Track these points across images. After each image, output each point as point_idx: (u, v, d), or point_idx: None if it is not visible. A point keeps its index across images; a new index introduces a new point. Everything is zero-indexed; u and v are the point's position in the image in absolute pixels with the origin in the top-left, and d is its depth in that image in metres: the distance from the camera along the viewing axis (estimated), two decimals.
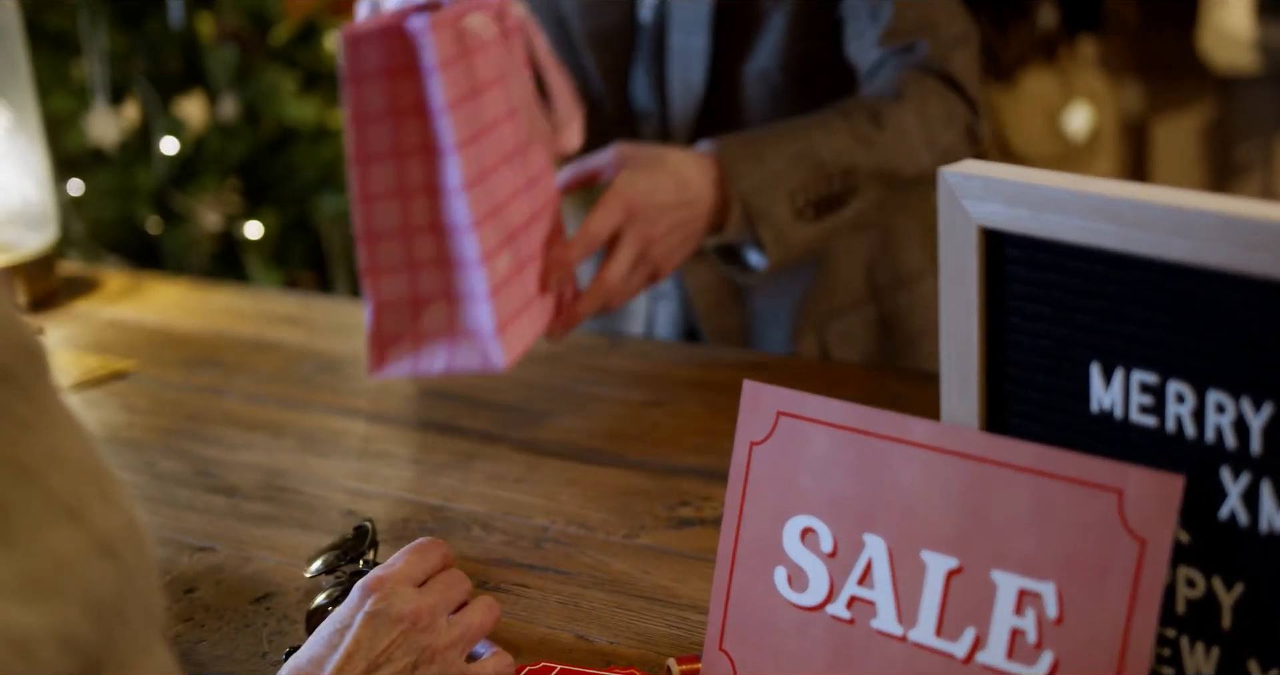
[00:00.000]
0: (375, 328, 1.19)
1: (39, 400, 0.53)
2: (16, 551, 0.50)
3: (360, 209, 1.17)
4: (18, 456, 0.51)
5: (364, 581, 0.84)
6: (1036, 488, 0.69)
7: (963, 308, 0.72)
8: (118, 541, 0.52)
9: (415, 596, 0.84)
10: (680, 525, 1.07)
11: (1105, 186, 0.66)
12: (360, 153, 1.15)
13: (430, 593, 0.86)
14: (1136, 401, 0.68)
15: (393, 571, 0.85)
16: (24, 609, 0.49)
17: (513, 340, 1.19)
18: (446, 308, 1.19)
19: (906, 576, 0.73)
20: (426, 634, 0.83)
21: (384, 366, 1.21)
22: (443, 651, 0.84)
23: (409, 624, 0.82)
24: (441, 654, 0.84)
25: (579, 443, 1.23)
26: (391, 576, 0.85)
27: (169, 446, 1.26)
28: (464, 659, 0.86)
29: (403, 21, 1.12)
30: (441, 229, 1.17)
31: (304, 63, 2.58)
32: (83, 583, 0.51)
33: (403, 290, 1.19)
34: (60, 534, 0.51)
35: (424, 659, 0.83)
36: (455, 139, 1.12)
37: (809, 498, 0.77)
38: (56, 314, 1.64)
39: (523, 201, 1.23)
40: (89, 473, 0.53)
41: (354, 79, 1.13)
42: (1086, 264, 0.68)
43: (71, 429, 0.54)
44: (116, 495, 0.53)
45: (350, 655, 0.81)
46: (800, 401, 0.78)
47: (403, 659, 0.82)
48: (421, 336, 1.20)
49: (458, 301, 1.18)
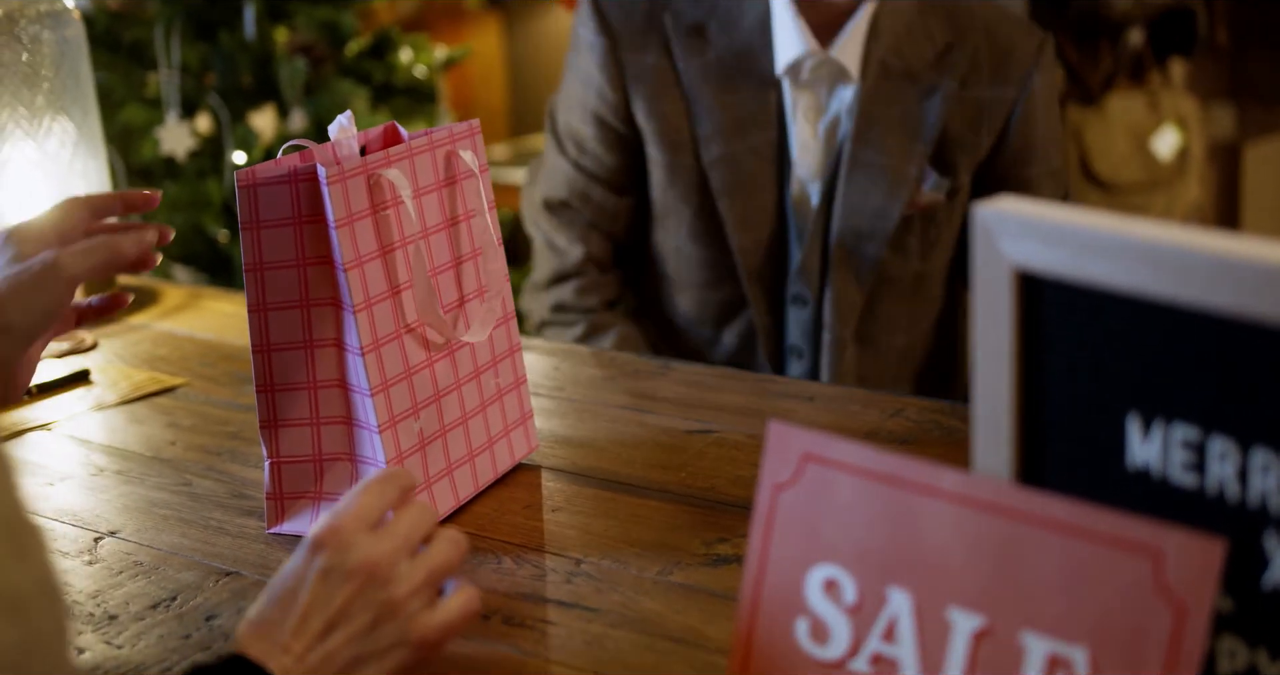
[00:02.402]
0: (274, 486, 1.09)
1: None
2: None
3: (258, 359, 1.07)
4: None
5: (315, 534, 0.79)
6: (1070, 546, 0.65)
7: (996, 353, 0.68)
8: (26, 600, 0.50)
9: (370, 546, 0.79)
10: (716, 563, 1.04)
11: (1148, 230, 0.62)
12: (259, 302, 1.05)
13: (388, 537, 0.80)
14: (1177, 458, 0.64)
15: (344, 519, 0.80)
16: None
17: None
18: (351, 468, 1.09)
19: (932, 634, 0.70)
20: (385, 586, 0.79)
21: (283, 523, 1.10)
22: (405, 602, 0.79)
23: (365, 578, 0.78)
24: (403, 605, 0.79)
25: (620, 471, 1.20)
26: (344, 525, 0.79)
27: (209, 467, 1.25)
28: (430, 603, 0.81)
29: (312, 167, 1.02)
30: (347, 385, 1.07)
31: (376, 77, 2.59)
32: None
33: (305, 448, 1.08)
34: None
35: (384, 614, 0.79)
36: (354, 300, 1.03)
37: (833, 547, 0.74)
38: (112, 327, 1.64)
39: (445, 365, 1.12)
40: (4, 527, 0.50)
41: (251, 226, 1.04)
42: (1127, 311, 0.64)
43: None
44: (32, 550, 0.51)
45: (305, 617, 0.77)
46: (827, 445, 0.75)
47: (361, 615, 0.78)
48: (323, 495, 1.09)
49: (360, 464, 1.08)
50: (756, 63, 1.60)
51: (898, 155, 1.58)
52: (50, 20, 1.60)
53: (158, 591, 1.04)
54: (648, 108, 1.62)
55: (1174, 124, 3.86)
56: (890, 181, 1.59)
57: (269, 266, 1.05)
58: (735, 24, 1.60)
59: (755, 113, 1.60)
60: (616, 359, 1.48)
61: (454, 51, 2.85)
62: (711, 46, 1.61)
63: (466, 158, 1.14)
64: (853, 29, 1.57)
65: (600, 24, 1.63)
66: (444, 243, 1.13)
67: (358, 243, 1.04)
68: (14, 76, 1.58)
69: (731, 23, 1.60)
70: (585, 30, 1.65)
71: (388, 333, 1.06)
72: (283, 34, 2.58)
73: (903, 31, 1.59)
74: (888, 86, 1.59)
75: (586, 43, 1.65)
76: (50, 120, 1.62)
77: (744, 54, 1.60)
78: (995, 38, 1.61)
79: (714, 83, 1.60)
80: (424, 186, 1.11)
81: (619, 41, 1.62)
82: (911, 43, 1.59)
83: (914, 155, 1.59)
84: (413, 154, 1.10)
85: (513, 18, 4.55)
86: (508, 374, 1.20)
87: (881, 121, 1.59)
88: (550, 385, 1.41)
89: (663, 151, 1.63)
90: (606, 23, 1.63)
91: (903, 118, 1.59)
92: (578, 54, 1.67)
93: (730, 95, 1.60)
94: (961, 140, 1.61)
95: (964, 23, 1.61)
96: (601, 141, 1.67)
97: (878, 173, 1.59)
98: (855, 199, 1.59)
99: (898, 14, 1.59)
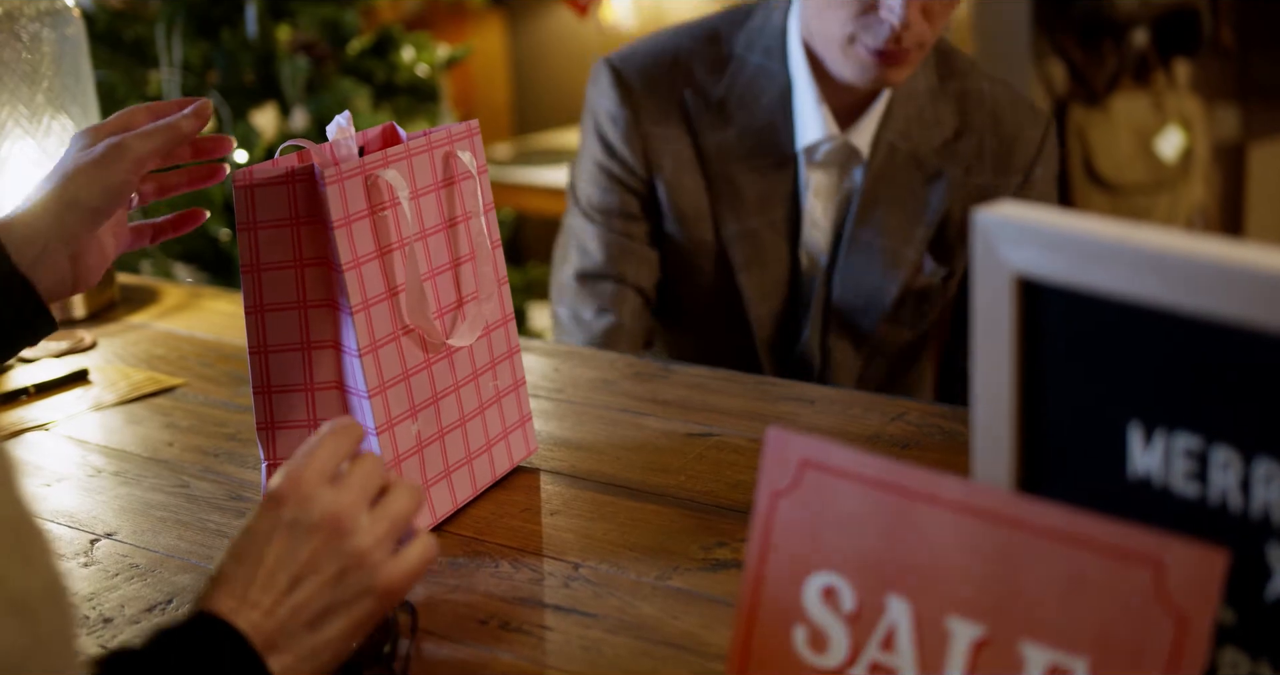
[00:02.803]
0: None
1: None
2: None
3: (256, 360, 1.06)
4: None
5: (274, 488, 0.79)
6: (1071, 556, 0.64)
7: (996, 360, 0.67)
8: (33, 603, 0.49)
9: (332, 497, 0.79)
10: (715, 567, 1.03)
11: (1151, 236, 0.62)
12: (257, 303, 1.04)
13: (348, 489, 0.80)
14: (1179, 468, 0.63)
15: (304, 472, 0.80)
16: None
17: (420, 513, 1.08)
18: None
19: (931, 644, 0.69)
20: (350, 537, 0.79)
21: None
22: (369, 552, 0.79)
23: (330, 530, 0.78)
24: (368, 555, 0.79)
25: (619, 474, 1.19)
26: (304, 478, 0.79)
27: (206, 468, 1.25)
28: (393, 552, 0.81)
29: (309, 168, 1.02)
30: (345, 387, 1.06)
31: (378, 76, 2.58)
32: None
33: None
34: None
35: (350, 565, 0.79)
36: (352, 301, 1.02)
37: (832, 554, 0.73)
38: (112, 326, 1.64)
39: (443, 367, 1.12)
40: (10, 530, 0.50)
41: (248, 227, 1.03)
42: (1129, 318, 0.63)
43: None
44: (38, 553, 0.51)
45: (271, 572, 0.77)
46: (826, 451, 0.74)
47: (328, 567, 0.78)
48: None
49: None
50: (776, 139, 1.59)
51: (897, 237, 1.59)
52: (50, 18, 1.60)
53: (154, 594, 1.03)
54: (669, 181, 1.62)
55: (1178, 124, 3.85)
56: (888, 262, 1.60)
57: (266, 267, 1.04)
58: (756, 101, 1.60)
59: (773, 189, 1.60)
60: (616, 361, 1.48)
61: (456, 50, 2.84)
62: (732, 123, 1.60)
63: (465, 159, 1.14)
64: (871, 113, 1.58)
65: (623, 96, 1.62)
66: (442, 244, 1.12)
67: (355, 244, 1.03)
68: (14, 75, 1.57)
69: (752, 99, 1.60)
70: (607, 101, 1.63)
71: (386, 334, 1.06)
72: (285, 32, 2.57)
73: (914, 116, 1.59)
74: (894, 169, 1.59)
75: (609, 114, 1.63)
76: (50, 118, 1.61)
77: (764, 131, 1.60)
78: (1001, 126, 1.62)
79: (735, 159, 1.60)
80: (422, 187, 1.10)
81: (641, 114, 1.61)
82: (921, 128, 1.60)
83: (914, 239, 1.59)
84: (411, 155, 1.09)
85: (516, 16, 4.54)
86: (506, 376, 1.19)
87: (884, 203, 1.59)
88: (549, 387, 1.40)
89: (681, 226, 1.63)
90: (631, 95, 1.61)
91: (905, 200, 1.59)
92: (598, 124, 1.65)
93: (751, 173, 1.60)
94: (961, 228, 1.61)
95: (973, 110, 1.62)
96: (629, 206, 1.64)
97: (876, 253, 1.59)
98: (854, 276, 1.60)
99: (911, 98, 1.59)
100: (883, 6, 1.45)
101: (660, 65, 1.62)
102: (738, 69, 1.61)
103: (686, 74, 1.62)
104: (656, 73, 1.62)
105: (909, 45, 1.47)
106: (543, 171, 3.89)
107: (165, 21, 2.41)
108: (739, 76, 1.61)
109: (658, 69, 1.62)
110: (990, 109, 1.62)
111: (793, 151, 1.60)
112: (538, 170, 3.90)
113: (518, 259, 3.95)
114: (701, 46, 1.63)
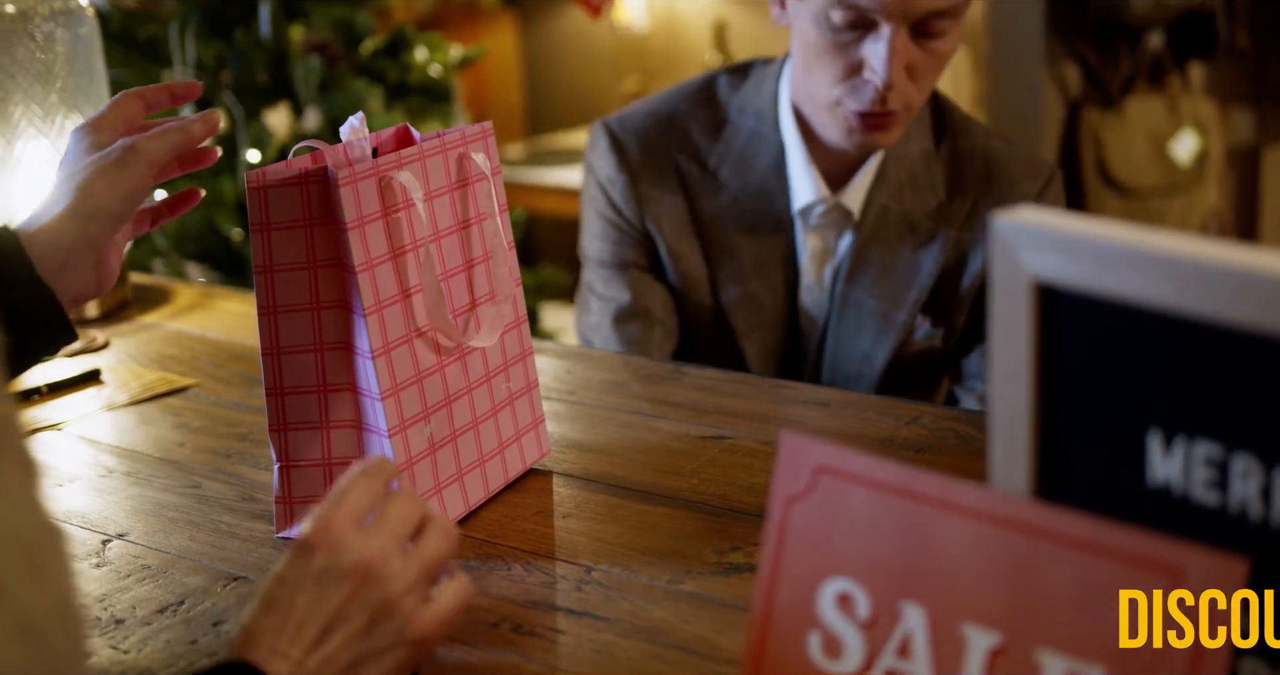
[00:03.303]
0: (284, 489, 1.08)
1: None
2: None
3: (268, 362, 1.06)
4: None
5: (304, 535, 0.78)
6: (1089, 564, 0.63)
7: (1014, 366, 0.67)
8: (42, 623, 0.48)
9: (362, 544, 0.78)
10: (728, 571, 1.03)
11: (1171, 242, 0.61)
12: (270, 304, 1.04)
13: (379, 533, 0.79)
14: (1199, 476, 0.62)
15: (334, 518, 0.78)
16: None
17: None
18: None
19: (946, 651, 0.69)
20: (380, 585, 0.78)
21: (292, 527, 1.09)
22: (400, 600, 0.78)
23: (360, 578, 0.77)
24: (399, 603, 0.78)
25: (632, 477, 1.19)
26: (334, 525, 0.78)
27: (218, 469, 1.25)
28: (425, 598, 0.80)
29: (323, 169, 1.02)
30: (357, 389, 1.06)
31: (390, 76, 2.58)
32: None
33: (315, 452, 1.07)
34: None
35: (381, 613, 0.78)
36: (365, 303, 1.02)
37: (847, 560, 0.73)
38: (124, 326, 1.64)
39: (455, 369, 1.11)
40: (22, 546, 0.49)
41: (261, 228, 1.03)
42: (1149, 325, 0.63)
43: (10, 495, 0.50)
44: (51, 572, 0.50)
45: (301, 622, 0.76)
46: (841, 457, 0.73)
47: (358, 616, 0.77)
48: None
49: None
50: (772, 203, 1.58)
51: (887, 300, 1.57)
52: (64, 18, 1.60)
53: (165, 595, 1.03)
54: (667, 245, 1.61)
55: (1193, 128, 3.84)
56: (878, 326, 1.57)
57: (279, 269, 1.04)
58: (750, 166, 1.59)
59: (771, 253, 1.59)
60: (629, 363, 1.47)
61: (469, 50, 2.84)
62: (727, 188, 1.59)
63: (479, 160, 1.14)
64: (862, 175, 1.56)
65: (620, 160, 1.61)
66: (455, 246, 1.12)
67: (369, 245, 1.03)
68: (28, 74, 1.57)
69: (746, 164, 1.59)
70: (604, 164, 1.63)
71: (398, 336, 1.05)
72: (298, 32, 2.57)
73: (906, 179, 1.57)
74: (885, 232, 1.57)
75: (607, 178, 1.63)
76: (64, 118, 1.61)
77: (760, 196, 1.58)
78: (995, 183, 1.57)
79: (731, 224, 1.59)
80: (436, 189, 1.10)
81: (638, 178, 1.61)
82: (914, 191, 1.57)
83: (905, 302, 1.57)
84: (425, 156, 1.09)
85: (529, 16, 4.54)
86: (519, 378, 1.19)
87: (875, 265, 1.57)
88: (562, 389, 1.40)
89: (682, 289, 1.62)
90: (626, 159, 1.61)
91: (896, 264, 1.57)
92: (599, 184, 1.64)
93: (747, 236, 1.59)
94: (956, 284, 1.58)
95: (966, 169, 1.58)
96: (639, 258, 1.63)
97: (866, 315, 1.57)
98: (845, 341, 1.58)
99: (904, 161, 1.57)
100: (867, 68, 1.43)
101: (657, 129, 1.61)
102: (732, 134, 1.60)
103: (683, 138, 1.61)
104: (653, 137, 1.61)
105: (895, 107, 1.45)
106: (555, 172, 3.88)
107: (179, 21, 2.41)
108: (734, 141, 1.60)
109: (654, 133, 1.61)
110: (983, 166, 1.58)
111: (788, 215, 1.58)
112: (550, 171, 3.90)
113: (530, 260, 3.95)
114: (698, 109, 1.62)
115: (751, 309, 1.60)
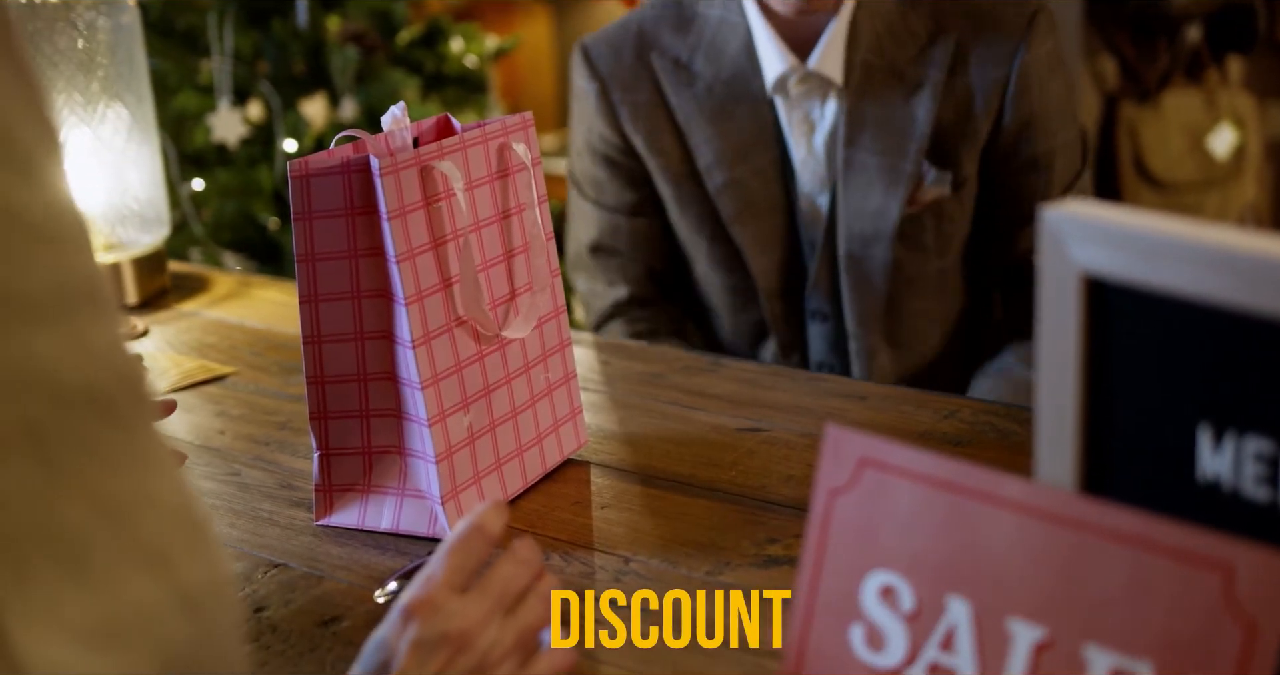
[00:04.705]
0: (323, 476, 1.10)
1: (138, 438, 0.50)
2: (94, 594, 0.47)
3: (309, 350, 1.06)
4: (110, 494, 0.48)
5: (406, 603, 0.78)
6: (1136, 559, 0.63)
7: (1061, 360, 0.67)
8: (201, 596, 0.49)
9: (461, 611, 0.78)
10: (767, 564, 1.03)
11: (1221, 235, 0.61)
12: (311, 293, 1.05)
13: (478, 598, 0.79)
14: (1249, 471, 0.62)
15: (434, 586, 0.78)
16: (92, 655, 0.46)
17: (470, 504, 1.09)
18: (400, 461, 1.08)
19: (991, 645, 0.68)
20: (475, 653, 0.77)
21: (331, 515, 1.10)
22: (494, 668, 0.78)
23: (455, 645, 0.77)
24: (494, 670, 0.78)
25: (669, 468, 1.19)
26: (434, 594, 0.78)
27: (257, 456, 1.25)
28: (521, 665, 0.80)
29: (365, 159, 1.02)
30: (397, 378, 1.06)
31: (427, 66, 2.58)
32: (157, 636, 0.48)
33: (354, 440, 1.08)
34: (141, 582, 0.48)
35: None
36: (405, 292, 1.03)
37: (890, 553, 0.72)
38: (163, 314, 1.65)
39: (495, 359, 1.12)
40: (181, 520, 0.50)
41: (303, 217, 1.04)
42: (1199, 318, 0.62)
43: (169, 471, 0.50)
44: (207, 546, 0.50)
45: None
46: (885, 450, 0.73)
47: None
48: (371, 487, 1.09)
49: (409, 457, 1.08)
50: (747, 86, 1.60)
51: (891, 154, 1.57)
52: (106, 7, 1.61)
53: None
54: (647, 145, 1.64)
55: (1231, 122, 3.81)
56: (886, 180, 1.57)
57: (321, 257, 1.04)
58: (721, 52, 1.61)
59: (754, 136, 1.60)
60: (666, 355, 1.47)
61: (505, 41, 2.84)
62: (700, 78, 1.62)
63: (519, 150, 1.14)
64: (828, 40, 1.56)
65: (590, 71, 1.66)
66: (495, 236, 1.12)
67: (410, 235, 1.03)
68: (70, 63, 1.58)
69: (717, 51, 1.61)
70: (579, 77, 1.68)
71: (439, 326, 1.06)
72: (335, 22, 2.58)
73: (883, 31, 1.57)
74: (873, 87, 1.57)
75: (581, 90, 1.68)
76: (105, 106, 1.62)
77: (734, 80, 1.60)
78: (979, 19, 1.57)
79: (708, 112, 1.61)
80: (476, 179, 1.10)
81: (609, 85, 1.65)
82: (893, 41, 1.57)
83: (908, 152, 1.57)
84: (465, 146, 1.09)
85: (562, 7, 4.54)
86: (558, 369, 1.19)
87: (870, 122, 1.57)
88: (599, 380, 1.40)
89: (669, 185, 1.65)
90: (595, 69, 1.65)
91: (892, 116, 1.57)
92: (576, 102, 1.70)
93: (726, 122, 1.61)
94: (958, 130, 1.58)
95: (946, 11, 1.58)
96: (615, 179, 1.68)
97: (872, 173, 1.57)
98: (855, 203, 1.58)
99: (876, 15, 1.57)
100: None
101: (625, 36, 1.66)
102: (702, 25, 1.63)
103: (653, 39, 1.64)
104: (621, 44, 1.65)
105: None
106: None
107: (217, 11, 2.42)
108: (704, 33, 1.62)
109: (623, 41, 1.65)
110: (964, 6, 1.58)
111: (765, 95, 1.59)
112: None
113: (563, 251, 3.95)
114: (666, 11, 1.65)
115: (740, 196, 1.61)
